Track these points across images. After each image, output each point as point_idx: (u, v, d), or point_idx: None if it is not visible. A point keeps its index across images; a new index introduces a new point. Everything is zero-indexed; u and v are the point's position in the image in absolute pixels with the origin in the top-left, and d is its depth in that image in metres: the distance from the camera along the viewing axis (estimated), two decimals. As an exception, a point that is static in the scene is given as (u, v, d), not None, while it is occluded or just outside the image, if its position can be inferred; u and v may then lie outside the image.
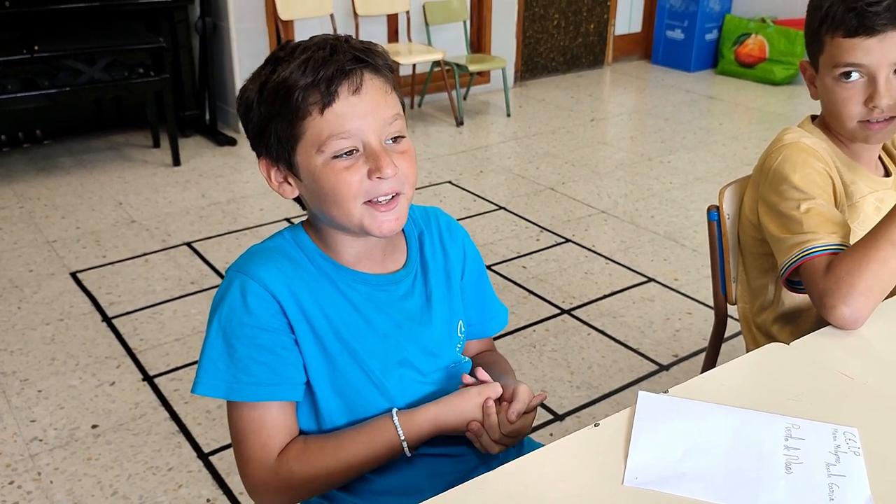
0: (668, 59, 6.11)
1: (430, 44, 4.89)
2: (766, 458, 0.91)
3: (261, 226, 3.35)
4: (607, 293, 2.85)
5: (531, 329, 2.62)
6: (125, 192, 3.69)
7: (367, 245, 1.04)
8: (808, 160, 1.31)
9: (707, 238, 1.58)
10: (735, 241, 1.53)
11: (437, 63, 4.76)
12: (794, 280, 1.30)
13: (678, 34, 6.01)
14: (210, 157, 4.15)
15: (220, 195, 3.68)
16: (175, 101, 4.10)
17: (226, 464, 2.00)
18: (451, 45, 5.04)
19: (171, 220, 3.41)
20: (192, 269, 2.98)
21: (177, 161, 4.00)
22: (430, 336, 1.08)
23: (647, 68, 6.16)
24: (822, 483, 0.88)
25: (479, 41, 5.36)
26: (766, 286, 1.45)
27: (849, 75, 1.29)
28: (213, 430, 2.11)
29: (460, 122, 4.77)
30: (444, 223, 1.16)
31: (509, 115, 4.96)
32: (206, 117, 4.50)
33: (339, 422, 1.04)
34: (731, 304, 1.58)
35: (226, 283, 1.01)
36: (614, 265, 3.06)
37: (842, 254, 1.20)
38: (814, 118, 1.43)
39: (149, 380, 2.33)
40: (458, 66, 4.73)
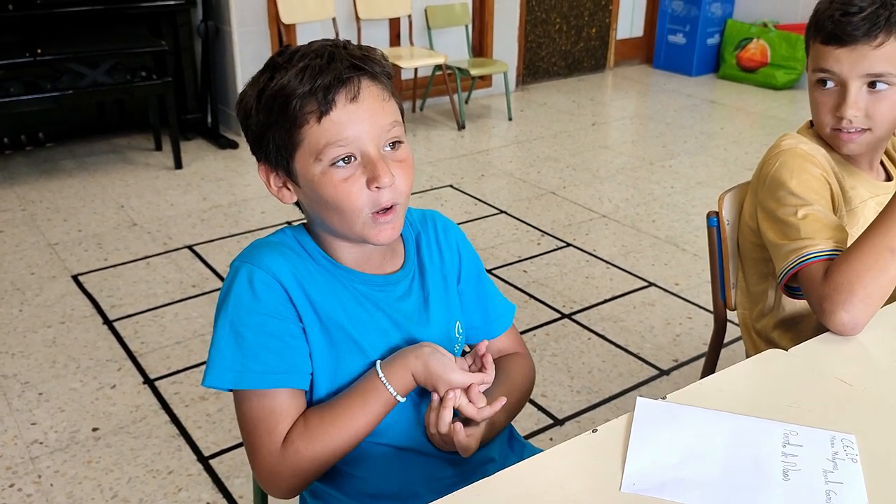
0: (670, 64, 6.11)
1: (431, 48, 4.90)
2: (763, 465, 0.91)
3: (262, 229, 3.36)
4: (608, 297, 2.85)
5: (531, 333, 2.62)
6: (127, 194, 3.70)
7: (365, 250, 1.05)
8: (805, 166, 1.32)
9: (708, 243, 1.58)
10: (734, 247, 1.54)
11: (438, 67, 4.77)
12: (793, 286, 1.30)
13: (680, 38, 6.02)
14: (212, 161, 4.16)
15: (221, 198, 3.68)
16: (177, 105, 4.11)
17: (226, 467, 2.00)
18: (453, 48, 5.05)
19: (172, 223, 3.41)
20: (193, 273, 2.99)
21: (178, 164, 4.01)
22: (428, 337, 1.08)
23: (649, 72, 6.17)
24: (819, 490, 0.88)
25: (480, 45, 5.37)
26: (766, 292, 1.45)
27: (824, 82, 1.31)
28: (214, 434, 2.12)
29: (462, 126, 4.77)
30: (440, 226, 1.16)
31: (511, 118, 4.97)
32: (208, 120, 4.51)
33: None
34: (730, 310, 1.58)
35: (231, 274, 1.01)
36: (615, 269, 3.06)
37: (839, 259, 1.20)
38: (812, 124, 1.44)
39: (149, 383, 2.33)
40: (460, 69, 4.74)
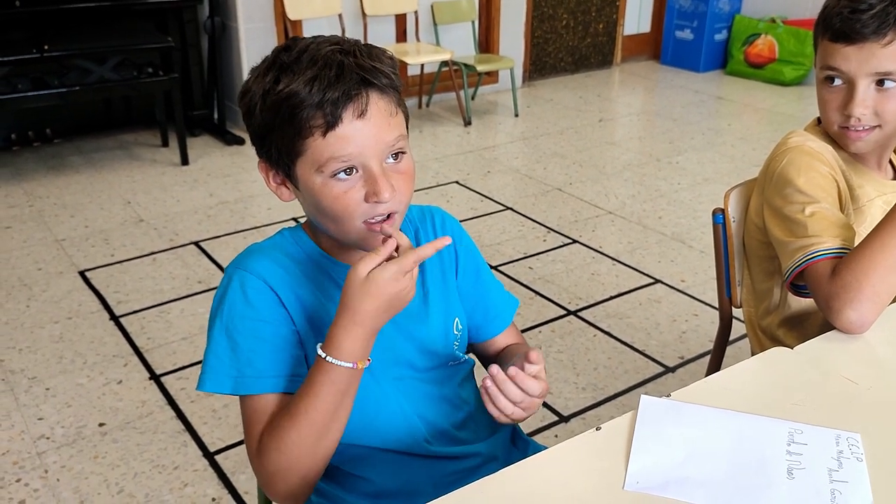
0: (677, 60, 6.09)
1: (438, 44, 4.89)
2: (767, 463, 0.91)
3: (268, 225, 3.36)
4: (614, 294, 2.84)
5: (537, 330, 2.62)
6: (134, 191, 3.71)
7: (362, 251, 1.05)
8: (812, 163, 1.31)
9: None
10: (740, 245, 1.53)
11: (445, 63, 4.76)
12: (799, 284, 1.29)
13: (687, 34, 5.99)
14: (218, 157, 4.17)
15: (227, 194, 3.69)
16: (184, 101, 4.11)
17: (231, 463, 2.00)
18: (460, 44, 5.04)
19: (178, 219, 3.42)
20: (199, 269, 2.99)
21: (185, 160, 4.02)
22: (427, 333, 1.08)
23: (656, 69, 6.14)
24: (824, 489, 0.87)
25: (487, 41, 5.36)
26: (772, 290, 1.45)
27: (832, 80, 1.30)
28: (219, 430, 2.12)
29: (468, 122, 4.77)
30: (438, 221, 1.16)
31: (517, 115, 4.96)
32: (215, 117, 4.52)
33: None
34: (735, 308, 1.58)
35: (225, 280, 1.02)
36: (621, 266, 3.05)
37: (847, 257, 1.19)
38: (820, 121, 1.43)
39: (155, 378, 2.34)
40: (467, 65, 4.73)
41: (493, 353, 1.20)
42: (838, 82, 1.30)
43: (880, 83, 1.27)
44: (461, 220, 2.84)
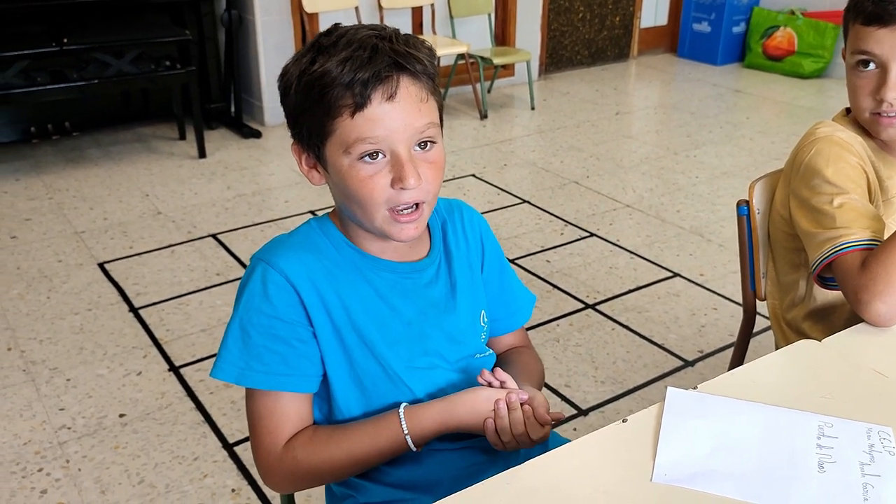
0: (695, 53, 6.04)
1: (454, 36, 4.88)
2: (798, 457, 0.90)
3: (286, 217, 3.37)
4: (632, 288, 2.83)
5: (555, 323, 2.61)
6: (152, 183, 3.73)
7: (390, 241, 1.04)
8: (841, 154, 1.29)
9: (734, 233, 1.56)
10: (765, 237, 1.51)
11: (461, 56, 4.75)
12: (826, 276, 1.27)
13: (705, 27, 5.94)
14: (235, 150, 4.18)
15: (245, 187, 3.70)
16: (201, 94, 4.13)
17: (250, 454, 2.01)
18: (476, 37, 5.02)
19: (196, 211, 3.43)
20: (217, 261, 3.00)
21: (202, 153, 4.03)
22: (455, 324, 1.08)
23: (674, 61, 6.10)
24: (856, 483, 0.86)
25: (503, 34, 5.34)
26: (797, 282, 1.43)
27: (865, 64, 1.28)
28: (238, 421, 2.13)
29: (484, 116, 4.75)
30: (466, 214, 1.16)
31: (533, 108, 4.94)
32: (232, 110, 4.52)
33: (354, 412, 1.04)
34: (760, 301, 1.56)
35: (249, 270, 1.02)
36: (639, 260, 3.03)
37: (877, 249, 1.18)
38: (848, 111, 1.41)
39: (174, 370, 2.35)
40: (483, 58, 4.71)
41: (498, 350, 1.20)
42: (871, 67, 1.27)
43: None
44: (479, 213, 2.82)
